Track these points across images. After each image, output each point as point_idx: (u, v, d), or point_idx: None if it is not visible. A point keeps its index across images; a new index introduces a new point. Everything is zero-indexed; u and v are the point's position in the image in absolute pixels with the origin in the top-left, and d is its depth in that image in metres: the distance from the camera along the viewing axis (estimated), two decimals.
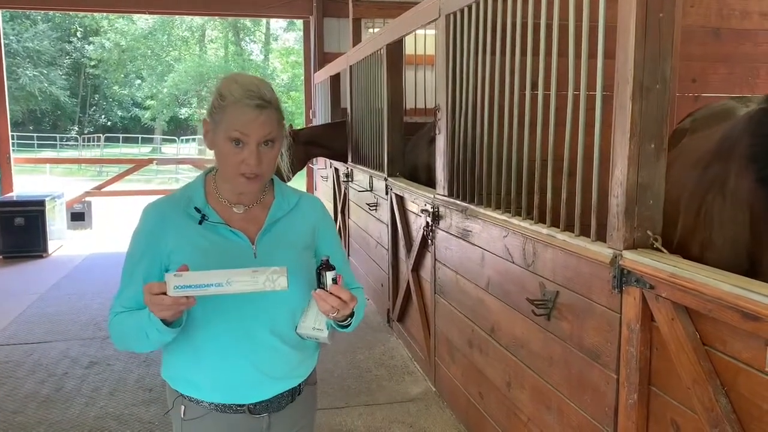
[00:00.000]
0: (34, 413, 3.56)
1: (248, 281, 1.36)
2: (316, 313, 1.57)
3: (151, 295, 1.36)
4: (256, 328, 1.56)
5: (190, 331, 1.55)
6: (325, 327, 1.57)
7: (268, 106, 1.52)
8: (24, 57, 32.37)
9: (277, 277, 1.37)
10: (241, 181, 1.53)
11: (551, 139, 2.45)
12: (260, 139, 1.51)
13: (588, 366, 2.18)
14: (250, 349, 1.55)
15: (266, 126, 1.51)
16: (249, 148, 1.50)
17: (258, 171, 1.52)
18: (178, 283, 1.34)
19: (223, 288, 1.36)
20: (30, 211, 7.62)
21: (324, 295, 1.47)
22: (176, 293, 1.34)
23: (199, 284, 1.35)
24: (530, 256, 2.54)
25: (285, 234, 1.62)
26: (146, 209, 1.62)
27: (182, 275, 1.35)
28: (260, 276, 1.37)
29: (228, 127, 1.50)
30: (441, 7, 3.44)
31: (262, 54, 35.41)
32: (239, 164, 1.51)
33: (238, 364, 1.56)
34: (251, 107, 1.49)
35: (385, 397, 3.81)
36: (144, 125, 35.96)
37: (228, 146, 1.51)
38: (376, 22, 8.48)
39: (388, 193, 4.80)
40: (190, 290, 1.35)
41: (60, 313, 5.40)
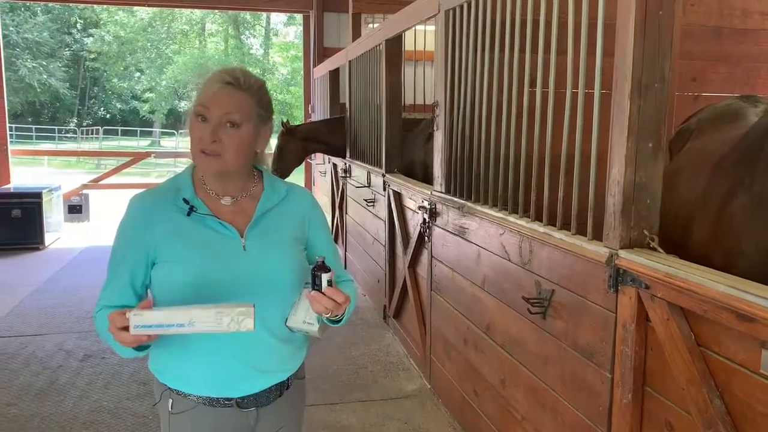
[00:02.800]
0: (28, 406, 3.55)
1: (212, 322, 1.34)
2: (307, 307, 1.55)
3: (114, 329, 1.36)
4: None
5: None
6: (315, 321, 1.56)
7: (239, 87, 1.52)
8: (23, 48, 32.29)
9: (243, 318, 1.34)
10: (201, 159, 1.52)
11: (549, 137, 2.43)
12: (221, 115, 1.50)
13: (583, 365, 2.17)
14: (239, 343, 1.53)
15: (230, 103, 1.50)
16: (210, 124, 1.50)
17: (216, 149, 1.50)
18: (139, 323, 1.32)
19: (185, 329, 1.34)
20: (27, 203, 7.60)
21: (318, 297, 1.46)
22: (136, 332, 1.33)
23: (161, 324, 1.33)
24: (526, 254, 2.53)
25: (274, 226, 1.60)
26: (132, 200, 1.59)
27: (143, 314, 1.33)
28: (225, 318, 1.34)
29: (196, 103, 1.52)
30: (441, 3, 3.42)
31: (262, 48, 35.34)
32: (198, 140, 1.50)
33: (226, 358, 1.55)
34: (220, 83, 1.51)
35: (380, 393, 3.80)
36: (143, 118, 35.89)
37: (194, 122, 1.52)
38: (376, 17, 8.45)
39: (386, 189, 4.78)
40: (151, 330, 1.34)
41: (56, 306, 5.39)
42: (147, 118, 35.92)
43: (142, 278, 1.56)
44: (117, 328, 1.35)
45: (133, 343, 1.37)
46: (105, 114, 37.39)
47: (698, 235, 2.24)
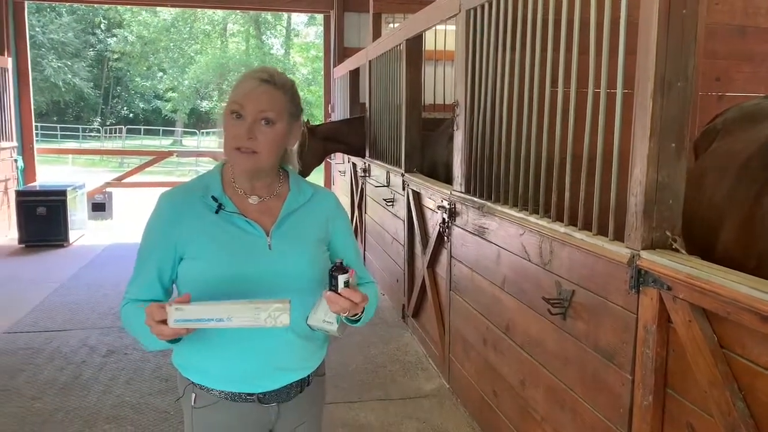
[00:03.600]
0: (52, 400, 3.61)
1: (249, 317, 1.36)
2: (326, 306, 1.57)
3: (151, 320, 1.37)
4: None
5: None
6: (334, 320, 1.57)
7: (273, 85, 1.55)
8: (49, 48, 32.81)
9: (280, 314, 1.37)
10: (236, 156, 1.54)
11: (570, 137, 2.42)
12: (257, 112, 1.52)
13: (603, 366, 2.16)
14: (261, 340, 1.56)
15: (265, 101, 1.53)
16: (246, 121, 1.52)
17: (252, 146, 1.52)
18: (180, 317, 1.35)
19: (223, 323, 1.36)
20: (52, 200, 7.72)
21: (335, 298, 1.47)
22: (176, 326, 1.35)
23: (200, 318, 1.35)
24: (547, 255, 2.52)
25: (299, 226, 1.62)
26: (162, 197, 1.63)
27: (183, 309, 1.35)
28: (262, 313, 1.36)
29: (231, 100, 1.54)
30: (462, 3, 3.42)
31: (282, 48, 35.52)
32: (234, 137, 1.52)
33: (248, 354, 1.57)
34: (256, 81, 1.54)
35: (399, 392, 3.81)
36: (165, 117, 36.26)
37: (229, 120, 1.53)
38: (396, 17, 8.46)
39: (405, 189, 4.79)
40: (190, 323, 1.36)
41: (79, 302, 5.47)
42: (169, 118, 36.29)
43: (169, 273, 1.58)
44: (155, 321, 1.36)
45: (170, 336, 1.39)
46: (128, 113, 37.84)
47: (726, 237, 2.21)
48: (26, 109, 8.90)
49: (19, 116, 8.77)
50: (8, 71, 8.37)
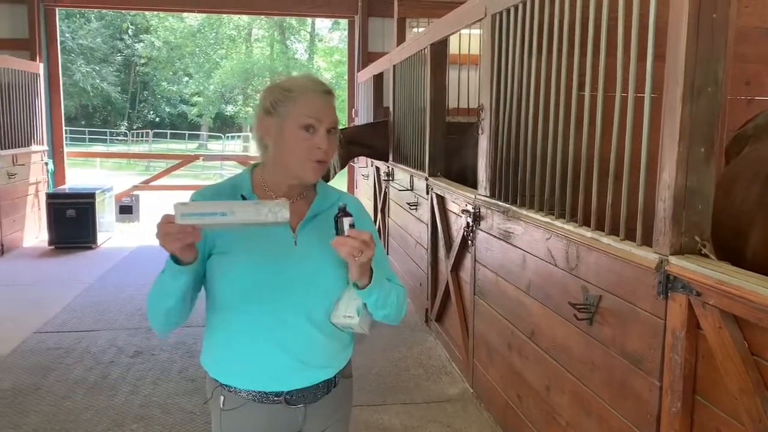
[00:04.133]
0: (82, 399, 3.68)
1: (251, 212, 1.40)
2: (347, 301, 1.60)
3: (160, 225, 1.40)
4: (293, 316, 1.59)
5: (227, 318, 1.60)
6: (355, 313, 1.59)
7: (332, 96, 1.63)
8: (78, 54, 33.39)
9: (280, 209, 1.40)
10: (310, 167, 1.59)
11: (597, 141, 2.41)
12: (329, 124, 1.59)
13: (630, 372, 2.14)
14: (287, 337, 1.58)
15: (333, 113, 1.62)
16: (319, 133, 1.58)
17: (326, 156, 1.60)
18: (184, 211, 1.38)
19: (227, 218, 1.38)
20: (81, 203, 7.86)
21: (342, 240, 1.48)
22: (182, 221, 1.38)
23: (204, 213, 1.38)
24: (573, 260, 2.51)
25: (324, 227, 1.65)
26: (194, 195, 1.68)
27: (188, 204, 1.40)
28: (263, 208, 1.40)
29: (299, 115, 1.57)
30: (487, 7, 3.43)
31: (306, 53, 35.75)
32: (309, 150, 1.57)
33: (274, 351, 1.59)
34: (321, 94, 1.60)
35: (423, 396, 3.81)
36: (191, 122, 36.68)
37: (300, 134, 1.57)
38: (420, 22, 8.48)
39: (429, 193, 4.80)
40: (195, 218, 1.38)
41: (107, 303, 5.56)
42: (195, 122, 36.70)
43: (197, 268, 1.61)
44: (163, 223, 1.39)
45: (177, 235, 1.39)
46: (154, 117, 38.36)
47: (756, 242, 2.19)
48: (57, 114, 9.08)
49: (50, 120, 8.96)
50: (40, 76, 8.55)
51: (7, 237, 7.52)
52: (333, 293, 1.62)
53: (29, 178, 8.18)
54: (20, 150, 7.87)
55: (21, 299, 5.68)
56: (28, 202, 8.18)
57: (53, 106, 9.00)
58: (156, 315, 1.60)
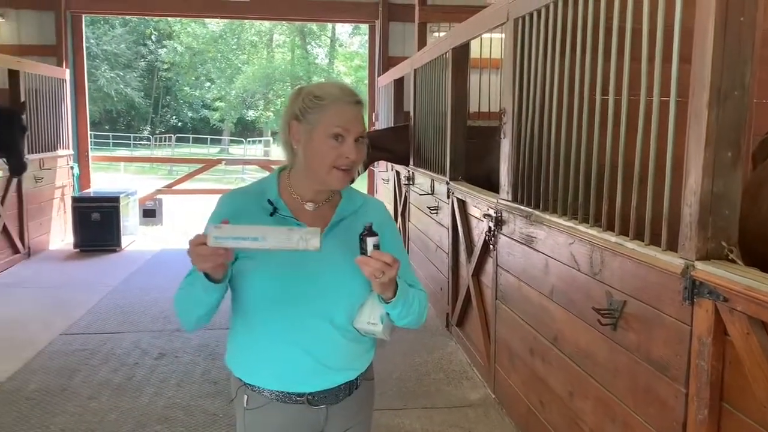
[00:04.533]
0: (107, 400, 3.73)
1: (283, 238, 1.41)
2: (371, 308, 1.62)
3: (192, 245, 1.43)
4: (315, 319, 1.61)
5: (251, 321, 1.62)
6: (379, 321, 1.61)
7: (362, 105, 1.65)
8: (102, 59, 33.88)
9: (310, 237, 1.41)
10: (337, 175, 1.61)
11: (621, 145, 2.39)
12: (357, 134, 1.61)
13: (655, 378, 2.12)
14: (310, 339, 1.61)
15: (361, 122, 1.63)
16: (347, 142, 1.59)
17: (353, 165, 1.62)
18: (217, 234, 1.40)
19: (258, 243, 1.41)
20: (106, 207, 7.97)
21: (365, 260, 1.49)
22: (215, 244, 1.40)
23: (237, 236, 1.41)
24: (597, 265, 2.49)
25: (348, 232, 1.67)
26: (222, 198, 1.71)
27: (221, 227, 1.41)
28: (294, 234, 1.42)
29: (330, 124, 1.59)
30: (509, 11, 3.42)
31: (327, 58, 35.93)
32: (337, 158, 1.59)
33: (297, 353, 1.61)
34: (351, 104, 1.61)
35: (444, 401, 3.80)
36: (213, 126, 37.03)
37: (329, 142, 1.59)
38: (441, 26, 8.48)
39: (450, 197, 4.79)
40: (228, 242, 1.41)
41: (131, 305, 5.63)
42: (216, 127, 37.04)
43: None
44: (195, 244, 1.42)
45: (210, 257, 1.42)
46: (177, 122, 38.78)
47: None
48: (82, 119, 9.23)
49: (76, 125, 9.10)
50: (66, 82, 8.69)
51: (34, 240, 7.65)
52: (356, 298, 1.64)
53: (55, 182, 8.32)
54: (47, 154, 8.01)
55: (47, 301, 5.77)
56: (54, 206, 8.32)
57: (79, 111, 9.15)
58: (187, 319, 1.65)
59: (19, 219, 7.29)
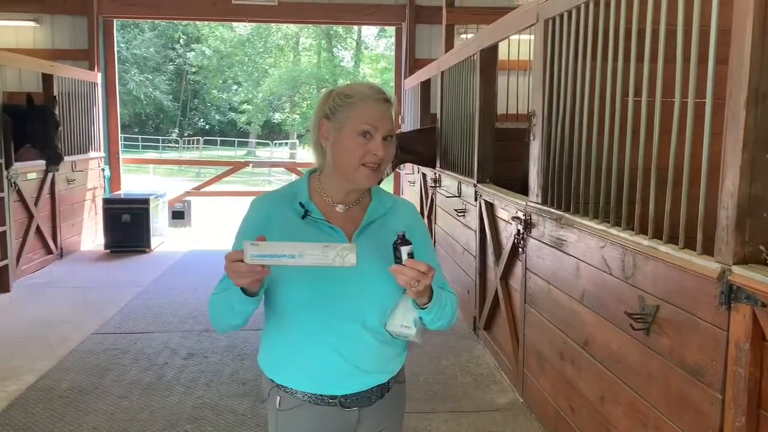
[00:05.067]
0: (138, 399, 3.78)
1: (319, 255, 1.41)
2: (404, 311, 1.61)
3: (229, 262, 1.44)
4: (348, 322, 1.61)
5: (284, 323, 1.63)
6: (412, 324, 1.60)
7: (390, 104, 1.65)
8: (132, 63, 34.44)
9: (347, 253, 1.41)
10: (365, 173, 1.61)
11: (655, 148, 2.36)
12: (386, 132, 1.61)
13: (690, 384, 2.09)
14: (342, 342, 1.61)
15: (390, 120, 1.63)
16: (375, 140, 1.60)
17: (381, 162, 1.62)
18: (254, 252, 1.41)
19: (295, 260, 1.41)
20: (136, 208, 8.09)
21: (400, 269, 1.49)
22: (252, 261, 1.41)
23: (273, 254, 1.41)
24: (629, 268, 2.46)
25: (380, 234, 1.67)
26: (255, 201, 1.72)
27: (258, 244, 1.41)
28: (331, 251, 1.41)
29: (358, 121, 1.60)
30: (539, 13, 3.40)
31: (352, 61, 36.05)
32: (365, 155, 1.60)
33: (329, 355, 1.61)
34: (380, 102, 1.62)
35: (471, 404, 3.78)
36: (239, 129, 37.39)
37: (357, 140, 1.60)
38: (468, 28, 8.46)
39: (477, 200, 4.77)
40: (265, 259, 1.41)
41: (161, 306, 5.71)
42: (243, 129, 37.39)
43: None
44: (232, 261, 1.43)
45: (247, 274, 1.43)
46: (204, 125, 39.24)
47: None
48: (113, 121, 9.39)
49: (107, 128, 9.26)
50: (98, 85, 8.85)
51: (66, 241, 7.79)
52: (388, 301, 1.64)
53: (87, 184, 8.47)
54: (79, 156, 8.16)
55: (79, 301, 5.88)
56: (86, 207, 8.47)
57: (110, 113, 9.31)
58: (220, 324, 1.67)
59: (52, 220, 7.43)
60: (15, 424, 3.45)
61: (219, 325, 1.67)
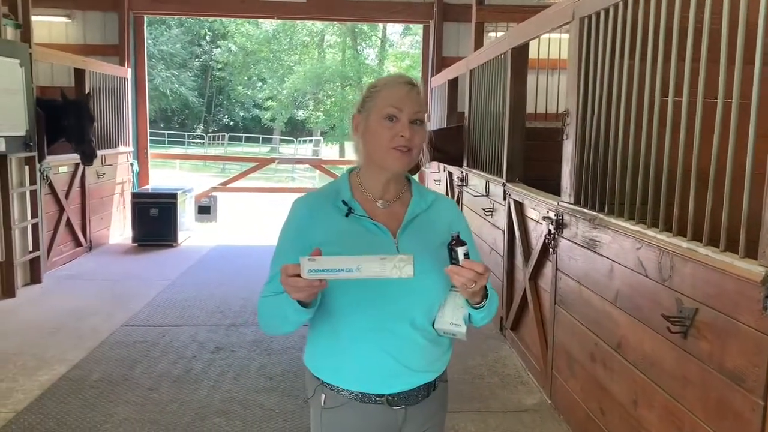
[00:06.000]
0: (167, 391, 3.82)
1: (377, 268, 1.41)
2: (453, 308, 1.60)
3: (286, 276, 1.43)
4: (396, 321, 1.60)
5: (333, 322, 1.62)
6: (462, 322, 1.60)
7: (417, 88, 1.65)
8: (158, 59, 34.79)
9: (404, 265, 1.41)
10: (395, 155, 1.61)
11: (696, 149, 2.32)
12: (411, 114, 1.61)
13: (729, 390, 2.05)
14: (391, 341, 1.60)
15: (416, 103, 1.62)
16: (401, 122, 1.60)
17: (409, 144, 1.61)
18: (312, 267, 1.40)
19: (353, 273, 1.41)
20: (164, 203, 8.18)
21: (457, 270, 1.49)
22: (310, 276, 1.40)
23: (331, 269, 1.41)
24: (667, 270, 2.42)
25: (423, 230, 1.67)
26: (296, 203, 1.71)
27: (316, 260, 1.41)
28: (388, 263, 1.41)
29: (382, 105, 1.62)
30: (575, 11, 3.36)
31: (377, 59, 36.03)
32: (392, 138, 1.60)
33: (378, 354, 1.60)
34: (402, 84, 1.63)
35: (499, 405, 3.76)
36: (263, 125, 37.60)
37: (382, 124, 1.61)
38: (498, 26, 8.40)
39: (506, 199, 4.74)
40: (323, 274, 1.41)
41: (188, 300, 5.76)
42: (267, 126, 37.58)
43: None
44: (288, 275, 1.42)
45: (305, 288, 1.43)
46: (229, 121, 39.52)
47: None
48: (142, 117, 9.50)
49: (136, 123, 9.37)
50: (128, 81, 8.96)
51: (95, 234, 7.91)
52: (435, 298, 1.62)
53: (116, 178, 8.58)
54: (108, 151, 8.26)
55: (108, 293, 5.96)
56: (115, 201, 8.58)
57: (139, 109, 9.42)
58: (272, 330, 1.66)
59: (82, 213, 7.54)
60: (48, 412, 3.51)
61: (269, 329, 1.67)
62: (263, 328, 1.69)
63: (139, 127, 9.48)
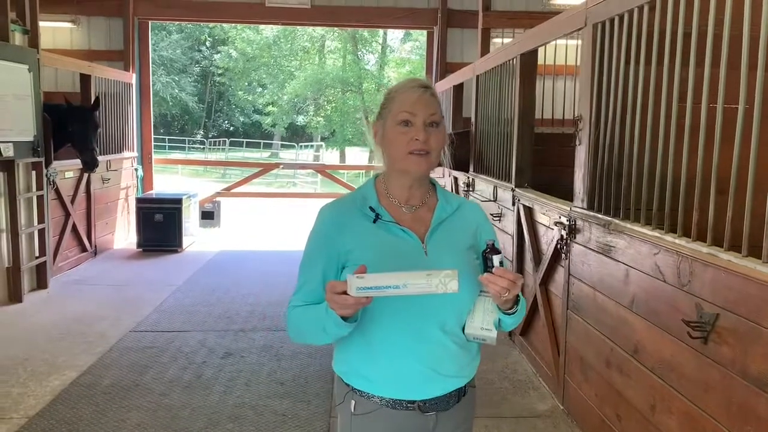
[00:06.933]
0: (179, 397, 3.81)
1: (423, 284, 1.42)
2: (483, 313, 1.61)
3: (333, 293, 1.43)
4: (427, 327, 1.60)
5: (365, 328, 1.61)
6: (493, 327, 1.60)
7: (431, 92, 1.65)
8: (159, 65, 34.80)
9: (449, 280, 1.42)
10: (413, 159, 1.61)
11: (715, 155, 2.33)
12: (426, 117, 1.61)
13: (753, 395, 2.05)
14: (422, 346, 1.60)
15: (430, 106, 1.63)
16: (416, 125, 1.61)
17: (426, 147, 1.61)
18: (360, 285, 1.41)
19: (400, 290, 1.42)
20: (168, 208, 8.18)
21: (492, 278, 1.50)
22: (358, 294, 1.41)
23: (379, 286, 1.41)
24: (686, 276, 2.42)
25: (450, 234, 1.67)
26: (322, 211, 1.71)
27: (364, 277, 1.41)
28: (433, 279, 1.42)
29: (397, 111, 1.63)
30: (588, 17, 3.37)
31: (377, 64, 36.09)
32: (408, 142, 1.61)
33: (410, 360, 1.60)
34: (415, 89, 1.64)
35: (511, 410, 3.76)
36: (264, 131, 37.61)
37: (398, 129, 1.62)
38: (504, 32, 8.43)
39: (515, 204, 4.74)
40: (371, 291, 1.42)
41: (195, 305, 5.75)
42: (267, 131, 37.60)
43: None
44: (336, 293, 1.43)
45: (353, 306, 1.44)
46: (229, 126, 39.53)
47: None
48: (146, 122, 9.52)
49: (140, 128, 9.38)
50: (132, 86, 8.97)
51: (100, 239, 7.90)
52: (464, 303, 1.63)
53: (120, 183, 8.58)
54: (113, 156, 8.27)
55: (114, 298, 5.95)
56: (119, 206, 8.58)
57: (143, 114, 9.45)
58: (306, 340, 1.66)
59: (87, 218, 7.54)
60: (60, 418, 3.50)
61: (302, 339, 1.67)
62: (294, 338, 1.68)
63: (144, 133, 9.50)
